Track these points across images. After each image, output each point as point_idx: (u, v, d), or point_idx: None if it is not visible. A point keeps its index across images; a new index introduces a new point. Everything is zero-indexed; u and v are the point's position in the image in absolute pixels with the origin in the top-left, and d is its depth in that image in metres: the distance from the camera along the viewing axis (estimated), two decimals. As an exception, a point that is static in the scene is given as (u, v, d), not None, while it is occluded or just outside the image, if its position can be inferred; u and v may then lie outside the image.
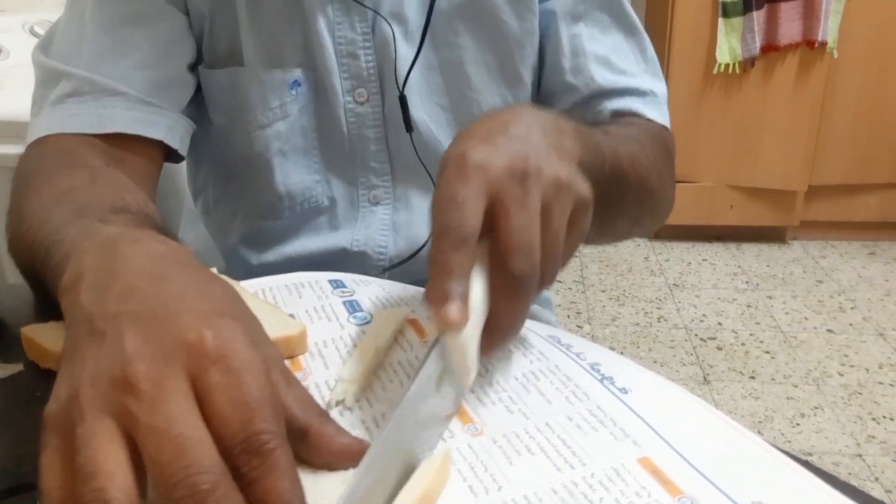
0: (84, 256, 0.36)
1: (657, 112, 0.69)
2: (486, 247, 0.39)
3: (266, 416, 0.28)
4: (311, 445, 0.33)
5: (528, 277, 0.37)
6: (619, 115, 0.67)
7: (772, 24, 2.20)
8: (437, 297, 0.36)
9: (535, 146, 0.40)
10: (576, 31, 0.67)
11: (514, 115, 0.43)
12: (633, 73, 0.68)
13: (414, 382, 0.36)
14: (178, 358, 0.29)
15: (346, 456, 0.33)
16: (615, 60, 0.67)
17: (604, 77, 0.66)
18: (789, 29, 2.20)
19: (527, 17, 0.66)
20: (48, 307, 0.45)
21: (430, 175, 0.69)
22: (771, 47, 2.22)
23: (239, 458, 0.28)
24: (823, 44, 2.19)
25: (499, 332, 0.39)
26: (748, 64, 2.25)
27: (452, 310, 0.36)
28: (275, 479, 0.28)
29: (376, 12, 0.64)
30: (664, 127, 0.69)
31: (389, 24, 0.64)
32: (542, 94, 0.71)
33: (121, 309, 0.31)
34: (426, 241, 0.70)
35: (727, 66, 2.24)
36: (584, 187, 0.41)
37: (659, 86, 0.70)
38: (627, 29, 0.69)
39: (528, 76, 0.69)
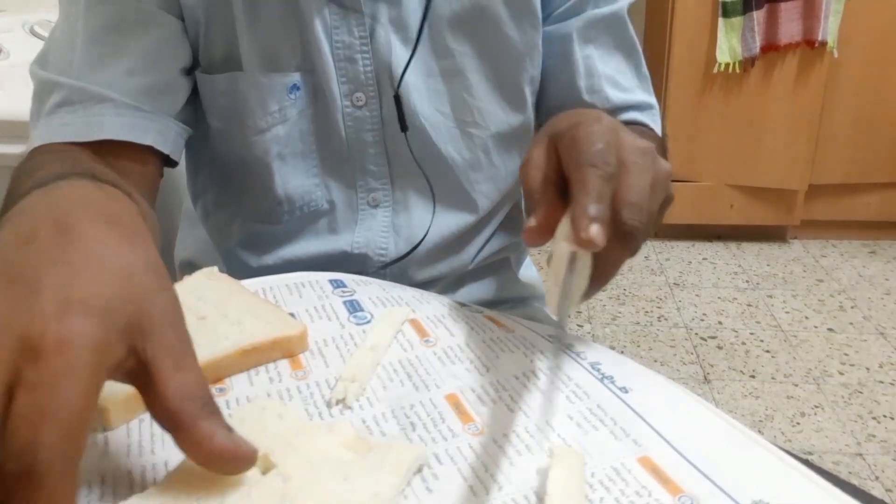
0: (15, 211, 0.35)
1: (654, 123, 0.73)
2: None
3: (55, 431, 0.25)
4: (182, 441, 0.31)
5: (637, 231, 0.41)
6: (627, 124, 0.70)
7: (772, 23, 2.20)
8: (584, 216, 0.39)
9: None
10: (588, 53, 0.69)
11: (608, 115, 0.47)
12: (632, 90, 0.72)
13: (560, 280, 0.42)
14: (11, 349, 0.27)
15: (217, 459, 0.31)
16: (620, 80, 0.71)
17: (615, 95, 0.70)
18: (789, 28, 2.20)
19: (528, 31, 0.67)
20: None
21: (426, 178, 0.69)
22: (771, 47, 2.22)
23: (3, 473, 0.25)
24: (823, 43, 2.19)
25: (598, 278, 0.43)
26: (748, 63, 2.25)
27: (597, 229, 0.39)
28: None
29: (373, 23, 0.64)
30: (662, 137, 0.74)
31: (383, 32, 0.64)
32: (550, 109, 0.73)
33: (9, 257, 0.30)
34: (421, 240, 0.70)
35: (727, 65, 2.24)
36: (672, 188, 0.47)
37: (654, 100, 0.74)
38: (627, 50, 0.72)
39: (527, 89, 0.70)
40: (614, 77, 0.71)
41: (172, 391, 0.30)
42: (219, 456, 0.31)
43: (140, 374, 0.31)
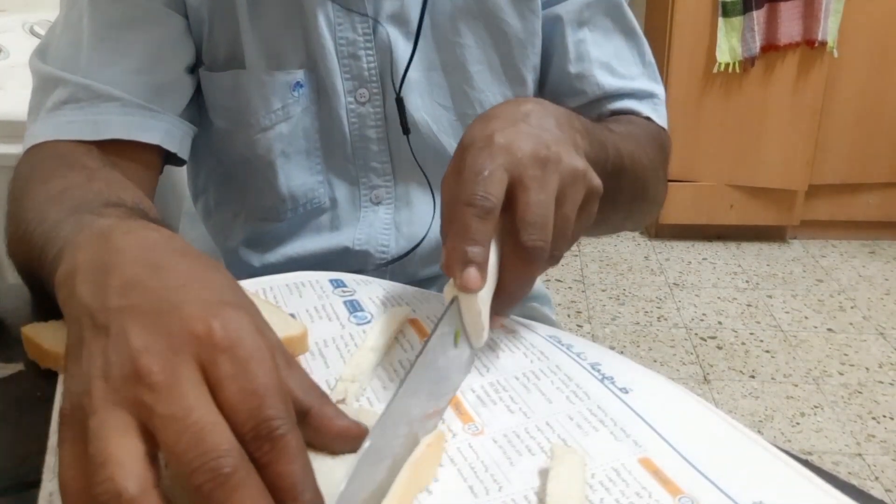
0: (77, 250, 0.36)
1: (655, 113, 0.70)
2: (499, 221, 0.42)
3: (275, 403, 0.29)
4: (312, 427, 0.33)
5: (539, 250, 0.40)
6: (619, 113, 0.68)
7: (772, 23, 2.20)
8: (458, 261, 0.39)
9: (555, 136, 0.44)
10: (580, 37, 0.68)
11: (534, 105, 0.46)
12: (633, 77, 0.70)
13: (431, 337, 0.39)
14: (188, 349, 0.29)
15: (345, 438, 0.34)
16: (617, 65, 0.69)
17: (608, 82, 0.68)
18: (789, 28, 2.20)
19: (528, 17, 0.67)
20: (47, 307, 0.45)
21: (426, 176, 0.69)
22: (771, 47, 2.22)
23: (250, 444, 0.28)
24: (823, 43, 2.19)
25: (507, 300, 0.43)
26: (748, 63, 2.25)
27: (472, 273, 0.39)
28: (285, 463, 0.28)
29: (376, 20, 0.64)
30: (662, 128, 0.71)
31: (386, 29, 0.64)
32: (545, 95, 0.72)
33: (123, 303, 0.31)
34: (423, 238, 0.70)
35: (727, 65, 2.24)
36: (596, 179, 0.45)
37: (658, 88, 0.72)
38: (628, 33, 0.70)
39: (529, 76, 0.69)
40: (610, 62, 0.69)
41: (295, 386, 0.33)
42: (344, 435, 0.34)
43: None
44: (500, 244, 0.43)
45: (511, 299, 0.43)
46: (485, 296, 0.41)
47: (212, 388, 0.29)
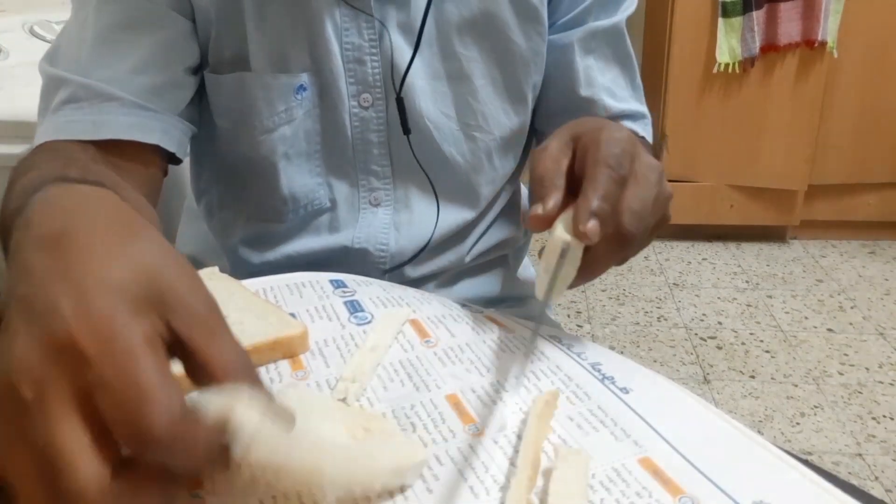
0: (11, 235, 0.35)
1: (647, 133, 0.74)
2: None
3: (153, 410, 0.26)
4: (194, 365, 0.31)
5: (632, 236, 0.44)
6: None
7: (771, 23, 2.20)
8: (586, 211, 0.43)
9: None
10: (588, 63, 0.71)
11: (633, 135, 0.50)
12: (626, 100, 0.74)
13: (550, 268, 0.44)
14: (58, 360, 0.27)
15: (224, 371, 0.31)
16: (616, 90, 0.73)
17: (612, 104, 0.72)
18: (789, 29, 2.20)
19: (534, 38, 0.69)
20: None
21: (428, 179, 0.69)
22: (771, 47, 2.22)
23: (136, 453, 0.27)
24: (823, 43, 2.19)
25: (587, 272, 0.46)
26: (748, 64, 2.25)
27: (593, 226, 0.42)
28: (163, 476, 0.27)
29: (382, 24, 0.64)
30: (653, 146, 0.76)
31: (391, 35, 0.65)
32: (548, 114, 0.74)
33: (17, 293, 0.30)
34: (427, 243, 0.70)
35: (727, 65, 2.24)
36: (669, 211, 0.51)
37: (646, 110, 0.76)
38: (623, 62, 0.73)
39: (530, 94, 0.71)
40: (611, 87, 0.72)
41: (214, 362, 0.30)
42: (222, 368, 0.31)
43: (178, 349, 0.30)
44: None
45: (585, 276, 0.46)
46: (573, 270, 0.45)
47: (87, 400, 0.27)
